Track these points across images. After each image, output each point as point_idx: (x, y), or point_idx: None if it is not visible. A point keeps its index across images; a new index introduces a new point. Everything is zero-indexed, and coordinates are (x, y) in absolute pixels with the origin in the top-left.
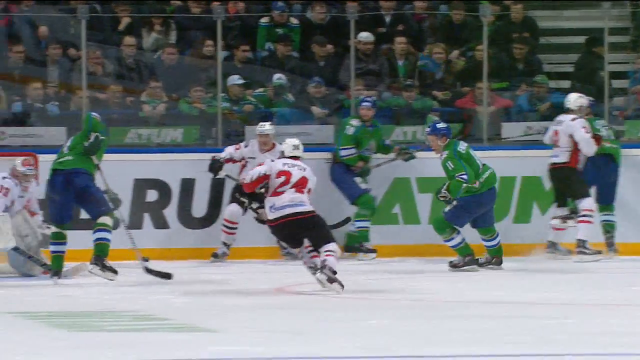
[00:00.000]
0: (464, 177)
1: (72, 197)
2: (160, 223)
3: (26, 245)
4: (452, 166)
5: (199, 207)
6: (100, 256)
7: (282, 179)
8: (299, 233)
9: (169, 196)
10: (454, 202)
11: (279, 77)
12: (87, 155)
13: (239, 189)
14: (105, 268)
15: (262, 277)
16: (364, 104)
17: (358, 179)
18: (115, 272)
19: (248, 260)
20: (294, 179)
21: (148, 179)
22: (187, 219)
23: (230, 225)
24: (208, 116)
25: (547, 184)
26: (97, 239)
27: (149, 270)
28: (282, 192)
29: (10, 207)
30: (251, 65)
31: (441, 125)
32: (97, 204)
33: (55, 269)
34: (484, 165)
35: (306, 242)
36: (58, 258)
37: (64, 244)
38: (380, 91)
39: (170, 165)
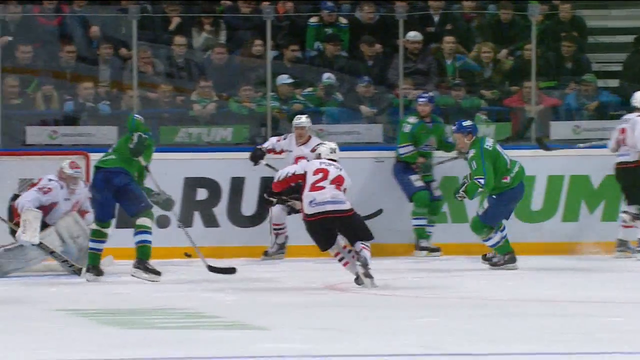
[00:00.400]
0: (481, 181)
1: (111, 195)
2: (211, 221)
3: (78, 246)
4: (475, 167)
5: (249, 205)
6: (142, 259)
7: (320, 175)
8: (333, 231)
9: (219, 195)
10: (485, 205)
11: (328, 77)
12: (133, 156)
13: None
14: (148, 270)
15: (313, 275)
16: (421, 99)
17: (414, 177)
18: (158, 273)
19: (298, 258)
20: (331, 176)
21: (198, 178)
22: (236, 218)
23: (278, 227)
24: (257, 115)
25: (596, 183)
26: (139, 242)
27: (213, 268)
28: (323, 187)
29: (53, 208)
30: (300, 65)
31: (467, 123)
32: (135, 201)
33: (89, 265)
34: (511, 160)
35: (341, 240)
36: (93, 255)
37: (102, 242)
38: (428, 90)
39: (220, 164)
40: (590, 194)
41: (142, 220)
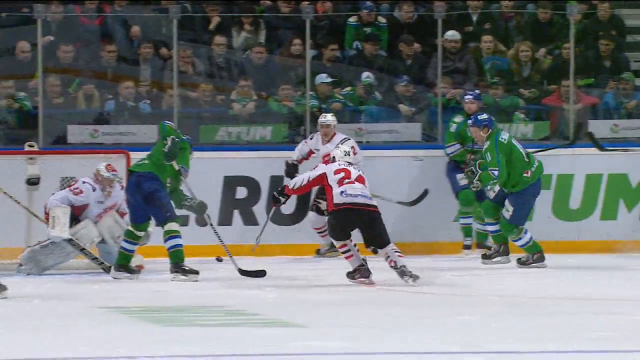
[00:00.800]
0: (495, 172)
1: (141, 200)
2: (250, 220)
3: (119, 245)
4: (490, 158)
5: (288, 204)
6: (178, 263)
7: (342, 174)
8: (356, 225)
9: (259, 193)
10: (510, 207)
11: (367, 76)
12: (167, 160)
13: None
14: (186, 272)
15: None
16: (466, 97)
17: (460, 176)
18: (196, 272)
19: (337, 256)
20: (353, 176)
21: (238, 176)
22: (276, 216)
23: (319, 230)
24: (297, 114)
25: (634, 181)
26: (171, 247)
27: (243, 272)
28: (353, 182)
29: (84, 209)
30: (339, 64)
31: (483, 116)
32: (162, 210)
33: (117, 264)
34: (528, 154)
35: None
36: (123, 255)
37: (134, 243)
38: (466, 89)
39: (259, 162)
40: (628, 192)
41: (169, 226)
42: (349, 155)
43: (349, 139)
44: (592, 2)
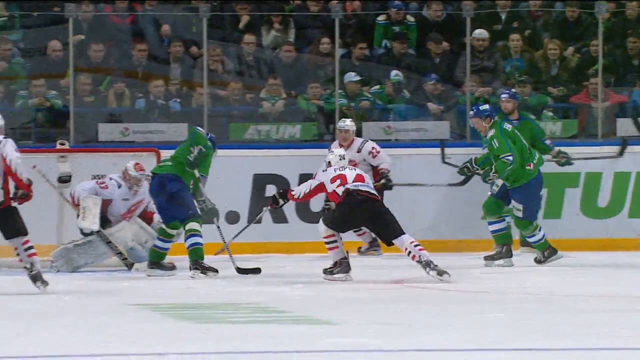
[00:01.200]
0: (509, 158)
1: (164, 200)
2: (280, 218)
3: (147, 250)
4: (497, 145)
5: (317, 201)
6: (197, 260)
7: (338, 181)
8: (360, 221)
9: None
10: (518, 205)
11: (396, 74)
12: (189, 168)
13: None
14: (205, 269)
15: (381, 270)
16: (502, 96)
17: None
18: (215, 270)
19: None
20: (350, 179)
21: (267, 174)
22: (305, 214)
23: (356, 230)
24: (326, 112)
25: None
26: (191, 245)
27: (240, 270)
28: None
29: (108, 204)
30: (368, 63)
31: (484, 107)
32: (185, 208)
33: (150, 261)
34: (529, 146)
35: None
36: (155, 253)
37: (167, 241)
38: (495, 88)
39: (289, 160)
40: None
41: (191, 225)
42: (344, 159)
43: (367, 141)
44: (620, 1)
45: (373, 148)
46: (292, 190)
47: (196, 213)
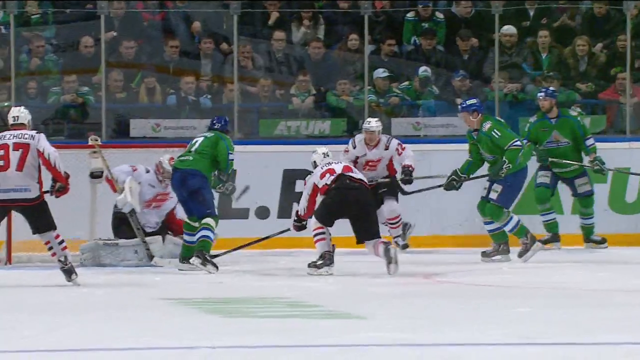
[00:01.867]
0: (517, 143)
1: (186, 195)
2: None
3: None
4: (499, 134)
5: None
6: (202, 251)
7: (327, 175)
8: (348, 208)
9: None
10: (498, 188)
11: (424, 70)
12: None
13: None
14: (207, 261)
15: (411, 266)
16: (539, 94)
17: (541, 172)
18: (216, 267)
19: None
20: (338, 170)
21: (297, 170)
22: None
23: (395, 220)
24: (355, 108)
25: None
26: (201, 236)
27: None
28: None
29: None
30: (397, 59)
31: (471, 101)
32: (203, 206)
33: (183, 256)
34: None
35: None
36: (187, 248)
37: (192, 234)
38: (524, 84)
39: None
40: None
41: (207, 220)
42: (328, 155)
43: (392, 139)
44: None
45: (399, 144)
46: (298, 211)
47: (213, 212)
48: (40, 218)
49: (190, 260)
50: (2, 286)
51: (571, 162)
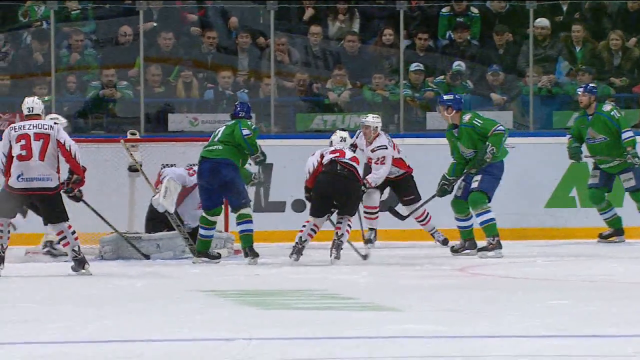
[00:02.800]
0: (500, 128)
1: (218, 186)
2: None
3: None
4: (481, 122)
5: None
6: (251, 247)
7: (337, 153)
8: (336, 192)
9: None
10: (478, 177)
11: (457, 64)
12: (236, 147)
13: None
14: (255, 255)
15: (444, 258)
16: (578, 90)
17: (592, 172)
18: (256, 255)
19: (430, 242)
20: (348, 156)
21: None
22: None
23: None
24: (390, 103)
25: None
26: (242, 231)
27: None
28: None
29: (189, 193)
30: (432, 54)
31: (447, 96)
32: (238, 197)
33: (199, 250)
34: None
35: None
36: (203, 242)
37: (211, 229)
38: (558, 78)
39: None
40: None
41: (244, 210)
42: (345, 141)
43: (387, 148)
44: None
45: (382, 157)
46: (306, 181)
47: (248, 201)
48: (56, 208)
49: (247, 262)
50: (42, 278)
51: (604, 157)
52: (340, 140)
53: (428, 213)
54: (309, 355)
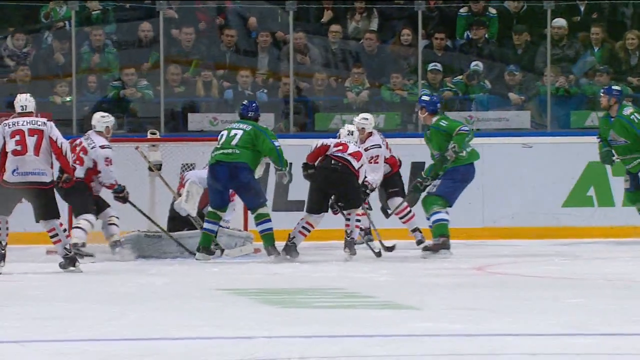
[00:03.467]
0: (464, 128)
1: (234, 188)
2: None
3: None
4: (446, 122)
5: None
6: (273, 246)
7: (340, 147)
8: (332, 185)
9: None
10: (437, 182)
11: (475, 64)
12: (256, 152)
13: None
14: (276, 251)
15: (463, 257)
16: (600, 92)
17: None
18: (279, 253)
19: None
20: (350, 150)
21: None
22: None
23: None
24: (408, 102)
25: None
26: (262, 231)
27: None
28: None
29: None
30: (450, 53)
31: (425, 97)
32: (256, 197)
33: (200, 245)
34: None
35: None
36: (206, 236)
37: (216, 223)
38: (576, 77)
39: None
40: None
41: (262, 209)
42: (352, 134)
43: (381, 147)
44: None
45: (376, 156)
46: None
47: (265, 200)
48: (49, 204)
49: (271, 260)
50: (63, 276)
51: (627, 157)
52: (348, 134)
53: (411, 210)
54: (328, 353)
